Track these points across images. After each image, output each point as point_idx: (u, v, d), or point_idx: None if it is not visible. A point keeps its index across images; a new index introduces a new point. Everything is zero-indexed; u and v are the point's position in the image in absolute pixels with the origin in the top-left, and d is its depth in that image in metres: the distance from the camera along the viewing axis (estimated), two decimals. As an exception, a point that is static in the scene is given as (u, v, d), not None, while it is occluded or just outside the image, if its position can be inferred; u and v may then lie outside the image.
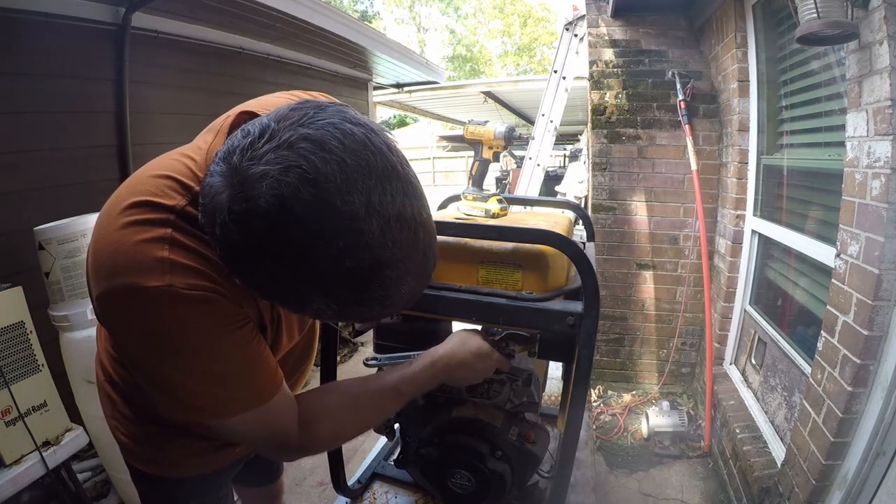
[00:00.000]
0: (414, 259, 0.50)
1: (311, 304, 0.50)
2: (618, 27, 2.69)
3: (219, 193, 0.46)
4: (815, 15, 1.26)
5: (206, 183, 0.48)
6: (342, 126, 0.47)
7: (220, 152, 0.49)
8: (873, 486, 1.27)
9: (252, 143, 0.46)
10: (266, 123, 0.47)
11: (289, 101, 0.73)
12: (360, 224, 0.45)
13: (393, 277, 0.49)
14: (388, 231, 0.47)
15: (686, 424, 2.44)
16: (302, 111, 0.48)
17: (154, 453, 0.83)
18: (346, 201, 0.44)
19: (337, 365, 1.12)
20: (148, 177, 0.61)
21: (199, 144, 0.65)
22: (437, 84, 5.86)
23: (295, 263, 0.46)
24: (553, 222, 1.06)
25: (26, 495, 1.51)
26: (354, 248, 0.46)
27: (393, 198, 0.47)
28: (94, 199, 2.15)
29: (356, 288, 0.48)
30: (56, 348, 1.70)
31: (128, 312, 0.55)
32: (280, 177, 0.43)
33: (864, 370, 1.27)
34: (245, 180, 0.45)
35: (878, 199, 1.22)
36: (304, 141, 0.45)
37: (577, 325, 0.82)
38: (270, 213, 0.44)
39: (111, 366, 0.79)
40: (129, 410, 0.80)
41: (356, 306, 0.51)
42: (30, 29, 2.04)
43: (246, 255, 0.48)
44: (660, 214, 2.75)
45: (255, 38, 3.30)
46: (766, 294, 2.29)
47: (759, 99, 2.21)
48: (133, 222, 0.56)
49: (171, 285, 0.53)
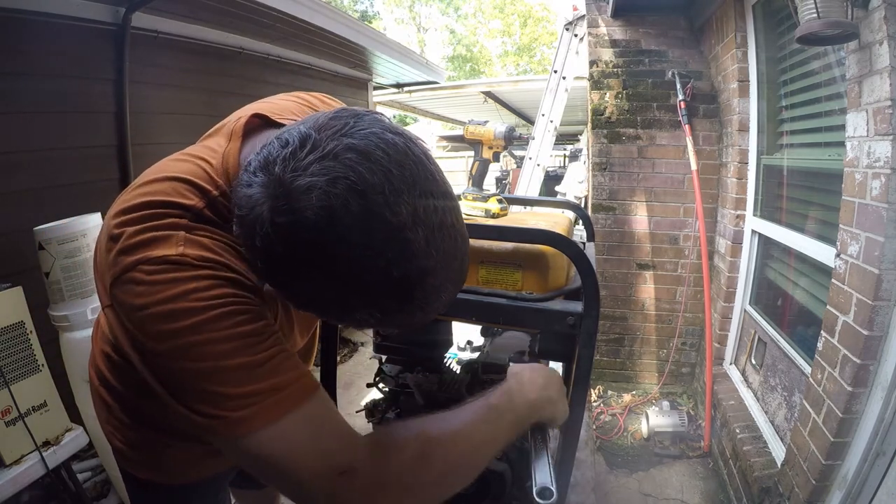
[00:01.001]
0: (453, 266, 0.51)
1: (354, 314, 0.50)
2: (618, 27, 2.69)
3: (259, 204, 0.45)
4: (815, 15, 1.26)
5: (242, 193, 0.47)
6: (384, 136, 0.47)
7: (253, 161, 0.48)
8: (873, 486, 1.27)
9: (294, 154, 0.45)
10: (306, 132, 0.46)
11: (297, 105, 0.73)
12: (407, 234, 0.45)
13: (436, 285, 0.49)
14: (433, 240, 0.47)
15: (686, 424, 2.44)
16: (342, 120, 0.47)
17: (151, 459, 0.81)
18: (395, 212, 0.44)
19: (337, 365, 1.12)
20: (160, 179, 0.59)
21: (211, 147, 0.63)
22: (437, 84, 5.86)
23: (342, 275, 0.46)
24: (553, 222, 1.06)
25: (26, 495, 1.51)
26: (401, 259, 0.46)
27: (435, 207, 0.48)
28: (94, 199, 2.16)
29: (401, 297, 0.48)
30: (56, 348, 1.70)
31: (135, 287, 0.50)
32: (328, 188, 0.43)
33: (864, 370, 1.27)
34: (290, 192, 0.44)
35: (878, 199, 1.22)
36: (350, 151, 0.44)
37: (577, 325, 0.82)
38: (319, 225, 0.43)
39: (107, 368, 0.77)
40: (125, 415, 0.78)
41: (399, 314, 0.50)
42: (30, 29, 2.04)
43: (290, 267, 0.47)
44: (660, 214, 2.75)
45: (255, 38, 3.30)
46: (766, 294, 2.29)
47: (759, 99, 2.21)
48: (146, 216, 0.54)
49: (184, 254, 0.51)
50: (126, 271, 0.52)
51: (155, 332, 0.50)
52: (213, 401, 0.49)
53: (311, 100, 0.77)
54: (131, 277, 0.51)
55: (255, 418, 0.49)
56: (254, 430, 0.49)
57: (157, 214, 0.54)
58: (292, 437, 0.50)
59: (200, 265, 0.52)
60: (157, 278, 0.50)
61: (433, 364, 1.13)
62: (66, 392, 1.62)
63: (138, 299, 0.50)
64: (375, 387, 1.13)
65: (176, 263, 0.51)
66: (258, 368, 0.50)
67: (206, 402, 0.49)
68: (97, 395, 0.82)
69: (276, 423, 0.50)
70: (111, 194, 0.62)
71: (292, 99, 0.76)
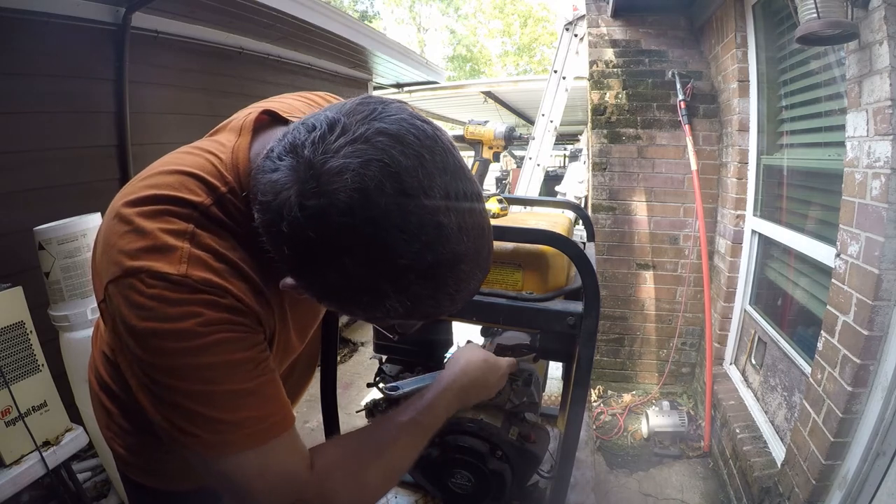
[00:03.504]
0: (482, 253, 0.51)
1: (384, 303, 0.48)
2: (618, 27, 2.69)
3: (285, 189, 0.44)
4: (815, 15, 1.26)
5: (266, 179, 0.46)
6: (412, 121, 0.46)
7: (276, 147, 0.47)
8: (873, 486, 1.27)
9: (323, 137, 0.44)
10: (333, 117, 0.45)
11: (304, 104, 0.72)
12: (440, 217, 0.45)
13: (466, 271, 0.49)
14: (464, 225, 0.47)
15: (686, 424, 2.44)
16: (370, 106, 0.47)
17: (151, 464, 0.79)
18: (429, 195, 0.44)
19: (337, 365, 1.12)
20: (168, 172, 0.57)
21: (221, 141, 0.61)
22: (437, 84, 5.87)
23: (375, 260, 0.45)
24: (553, 222, 1.06)
25: (26, 495, 1.51)
26: (436, 243, 0.45)
27: (465, 193, 0.47)
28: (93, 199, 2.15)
29: (433, 283, 0.47)
30: (56, 348, 1.70)
31: (133, 301, 0.50)
32: (361, 170, 0.42)
33: (864, 370, 1.27)
34: (321, 174, 0.43)
35: (878, 199, 1.22)
36: (381, 135, 0.44)
37: (578, 325, 0.82)
38: (352, 208, 0.42)
39: (107, 372, 0.75)
40: (126, 421, 0.76)
41: (430, 301, 0.49)
42: (30, 29, 2.04)
43: (321, 252, 0.45)
44: (660, 214, 2.75)
45: (255, 38, 3.30)
46: (766, 294, 2.29)
47: (759, 99, 2.21)
48: (151, 212, 0.53)
49: (187, 276, 0.50)
50: (126, 276, 0.50)
51: (149, 347, 0.50)
52: (194, 420, 0.51)
53: (317, 99, 0.77)
54: (131, 284, 0.50)
55: (228, 445, 0.52)
56: (224, 454, 0.53)
57: (164, 212, 0.53)
58: (255, 469, 0.54)
59: (201, 289, 0.51)
60: (156, 293, 0.49)
61: (433, 364, 1.13)
62: (66, 392, 1.62)
63: (135, 311, 0.50)
64: (375, 387, 1.13)
65: (177, 284, 0.50)
66: (242, 399, 0.53)
67: (187, 419, 0.51)
68: (97, 400, 0.80)
69: (243, 453, 0.53)
70: (111, 194, 0.61)
71: (299, 98, 0.75)
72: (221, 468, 0.53)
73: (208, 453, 0.53)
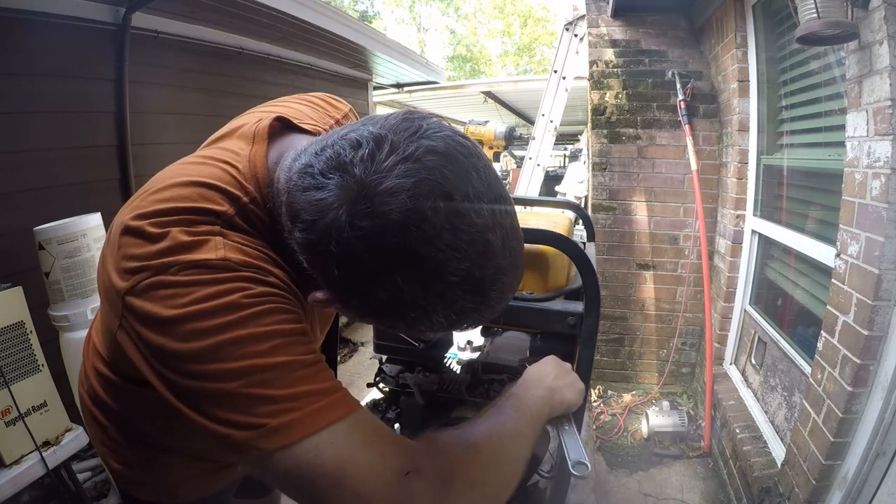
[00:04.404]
0: (519, 264, 0.52)
1: (430, 318, 0.48)
2: (618, 27, 2.69)
3: (332, 209, 0.44)
4: (815, 15, 1.26)
5: (310, 197, 0.45)
6: (456, 138, 0.47)
7: (318, 164, 0.46)
8: (873, 486, 1.27)
9: (372, 155, 0.44)
10: (379, 133, 0.45)
11: (310, 108, 0.72)
12: (488, 235, 0.46)
13: (508, 283, 0.50)
14: (507, 240, 0.48)
15: (686, 424, 2.44)
16: (414, 122, 0.47)
17: (150, 478, 0.77)
18: (479, 213, 0.45)
19: (337, 365, 1.12)
20: (183, 184, 0.53)
21: (233, 150, 0.59)
22: (437, 84, 5.87)
23: (428, 278, 0.45)
24: (553, 222, 1.06)
25: (26, 495, 1.51)
26: (483, 259, 0.46)
27: (506, 209, 0.49)
28: (94, 199, 2.15)
29: (479, 297, 0.48)
30: (56, 348, 1.70)
31: (162, 292, 0.46)
32: (415, 190, 0.42)
33: (864, 370, 1.27)
34: (374, 195, 0.42)
35: (878, 199, 1.22)
36: (431, 154, 0.44)
37: (578, 325, 0.82)
38: (408, 228, 0.42)
39: (101, 387, 0.71)
40: (121, 435, 0.73)
41: (473, 314, 0.50)
42: (30, 29, 2.04)
43: (373, 272, 0.45)
44: (660, 214, 2.76)
45: (255, 38, 3.30)
46: (766, 294, 2.29)
47: (759, 99, 2.21)
48: (168, 223, 0.49)
49: (227, 259, 0.48)
50: (151, 275, 0.46)
51: (189, 333, 0.45)
52: (248, 407, 0.44)
53: (320, 102, 0.76)
54: (159, 282, 0.46)
55: (299, 426, 0.44)
56: (298, 439, 0.44)
57: (184, 221, 0.49)
58: (345, 445, 0.45)
59: (243, 270, 0.48)
60: (193, 279, 0.46)
61: (433, 364, 1.13)
62: (66, 392, 1.62)
63: (168, 301, 0.45)
64: (375, 387, 1.13)
65: (217, 268, 0.46)
66: (302, 369, 0.47)
67: (239, 409, 0.44)
68: (89, 416, 0.76)
69: (323, 432, 0.44)
70: (111, 194, 0.61)
71: (302, 102, 0.74)
72: (295, 462, 0.44)
73: (272, 446, 0.43)
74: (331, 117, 0.74)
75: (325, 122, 0.72)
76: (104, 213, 1.78)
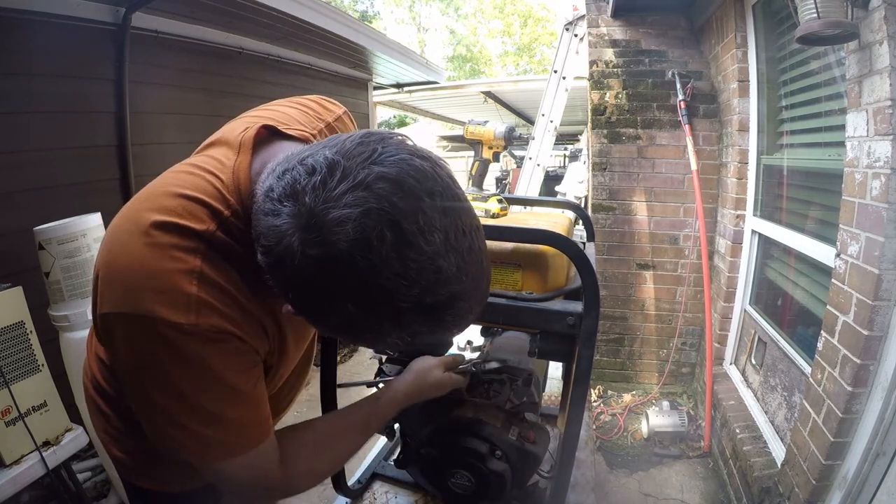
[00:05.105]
0: (480, 287, 0.52)
1: (385, 339, 0.51)
2: (618, 27, 2.69)
3: (287, 236, 0.45)
4: (815, 15, 1.26)
5: (268, 223, 0.47)
6: (412, 162, 0.47)
7: (276, 187, 0.47)
8: (873, 486, 1.27)
9: (324, 182, 0.44)
10: (333, 159, 0.46)
11: (300, 112, 0.72)
12: (440, 262, 0.46)
13: (465, 307, 0.51)
14: (462, 265, 0.48)
15: (686, 424, 2.44)
16: (369, 146, 0.47)
17: (152, 467, 0.79)
18: (428, 240, 0.45)
19: (337, 365, 1.12)
20: (172, 195, 0.57)
21: (219, 159, 0.61)
22: (437, 84, 5.86)
23: (376, 304, 0.46)
24: (553, 222, 1.06)
25: (26, 495, 1.51)
26: (435, 285, 0.46)
27: (464, 232, 0.48)
28: (94, 199, 2.15)
29: (432, 321, 0.49)
30: (56, 348, 1.70)
31: (143, 341, 0.53)
32: (362, 220, 0.43)
33: (864, 370, 1.27)
34: (322, 224, 0.44)
35: (878, 199, 1.22)
36: (381, 181, 0.44)
37: (577, 325, 0.82)
38: (354, 257, 0.43)
39: (103, 377, 0.75)
40: (124, 424, 0.76)
41: (429, 336, 0.52)
42: (30, 29, 2.04)
43: (323, 297, 0.47)
44: (660, 214, 2.75)
45: (255, 38, 3.30)
46: (766, 294, 2.29)
47: (759, 99, 2.21)
48: (160, 244, 0.54)
49: (197, 325, 0.53)
50: (137, 316, 0.53)
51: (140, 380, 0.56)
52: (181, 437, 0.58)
53: (312, 105, 0.76)
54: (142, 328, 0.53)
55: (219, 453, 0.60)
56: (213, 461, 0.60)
57: (173, 246, 0.54)
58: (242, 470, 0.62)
59: (210, 337, 0.54)
60: (167, 337, 0.52)
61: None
62: (66, 392, 1.62)
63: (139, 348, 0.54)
64: (375, 387, 1.13)
65: (188, 334, 0.53)
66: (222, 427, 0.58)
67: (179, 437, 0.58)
68: (92, 404, 0.80)
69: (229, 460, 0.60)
70: (111, 194, 0.62)
71: (294, 105, 0.74)
72: (214, 470, 0.61)
73: (206, 460, 0.60)
74: (321, 121, 0.74)
75: (315, 126, 0.72)
76: (104, 213, 1.78)
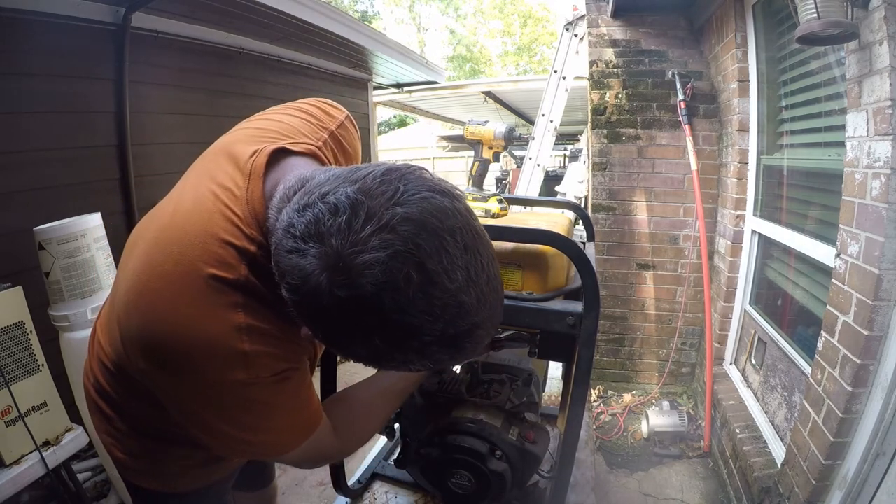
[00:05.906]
0: (496, 313, 0.54)
1: (407, 366, 0.53)
2: (618, 27, 2.69)
3: (313, 275, 0.46)
4: (815, 15, 1.26)
5: (292, 262, 0.48)
6: (433, 200, 0.48)
7: (299, 226, 0.48)
8: (873, 486, 1.27)
9: (349, 224, 0.46)
10: (356, 199, 0.47)
11: (302, 122, 0.72)
12: (462, 297, 0.48)
13: (482, 334, 0.53)
14: (482, 297, 0.50)
15: (686, 424, 2.44)
16: (391, 185, 0.48)
17: (153, 467, 0.80)
18: (452, 278, 0.47)
19: (337, 365, 1.12)
20: (194, 240, 0.58)
21: (229, 188, 0.61)
22: (437, 84, 5.85)
23: (403, 340, 0.48)
24: (553, 222, 1.06)
25: (26, 495, 1.51)
26: (457, 318, 0.48)
27: (483, 265, 0.50)
28: (94, 199, 2.15)
29: (454, 349, 0.52)
30: (56, 348, 1.70)
31: (208, 393, 0.58)
32: (389, 262, 0.45)
33: (864, 370, 1.27)
34: (352, 267, 0.45)
35: (878, 199, 1.22)
36: (406, 222, 0.46)
37: (577, 325, 0.82)
38: (382, 299, 0.45)
39: (106, 380, 0.75)
40: (125, 425, 0.77)
41: (449, 361, 0.55)
42: (30, 29, 2.04)
43: (350, 334, 0.49)
44: (660, 214, 2.75)
45: (255, 38, 3.30)
46: (766, 294, 2.29)
47: (759, 99, 2.21)
48: (201, 309, 0.56)
49: (258, 376, 0.58)
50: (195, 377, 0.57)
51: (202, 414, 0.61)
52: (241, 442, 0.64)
53: (314, 112, 0.76)
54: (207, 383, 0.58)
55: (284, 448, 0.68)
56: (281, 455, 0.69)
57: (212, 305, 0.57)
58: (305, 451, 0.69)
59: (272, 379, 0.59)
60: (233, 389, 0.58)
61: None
62: (66, 392, 1.62)
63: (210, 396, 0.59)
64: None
65: (251, 385, 0.58)
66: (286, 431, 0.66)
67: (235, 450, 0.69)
68: (94, 406, 0.80)
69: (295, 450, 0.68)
70: (111, 194, 0.62)
71: (296, 114, 0.74)
72: (283, 460, 0.70)
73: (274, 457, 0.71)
74: (324, 129, 0.74)
75: (319, 136, 0.72)
76: (104, 213, 1.78)
